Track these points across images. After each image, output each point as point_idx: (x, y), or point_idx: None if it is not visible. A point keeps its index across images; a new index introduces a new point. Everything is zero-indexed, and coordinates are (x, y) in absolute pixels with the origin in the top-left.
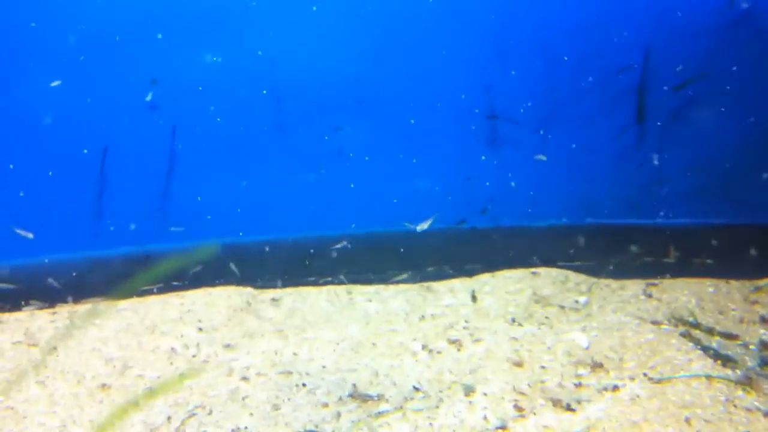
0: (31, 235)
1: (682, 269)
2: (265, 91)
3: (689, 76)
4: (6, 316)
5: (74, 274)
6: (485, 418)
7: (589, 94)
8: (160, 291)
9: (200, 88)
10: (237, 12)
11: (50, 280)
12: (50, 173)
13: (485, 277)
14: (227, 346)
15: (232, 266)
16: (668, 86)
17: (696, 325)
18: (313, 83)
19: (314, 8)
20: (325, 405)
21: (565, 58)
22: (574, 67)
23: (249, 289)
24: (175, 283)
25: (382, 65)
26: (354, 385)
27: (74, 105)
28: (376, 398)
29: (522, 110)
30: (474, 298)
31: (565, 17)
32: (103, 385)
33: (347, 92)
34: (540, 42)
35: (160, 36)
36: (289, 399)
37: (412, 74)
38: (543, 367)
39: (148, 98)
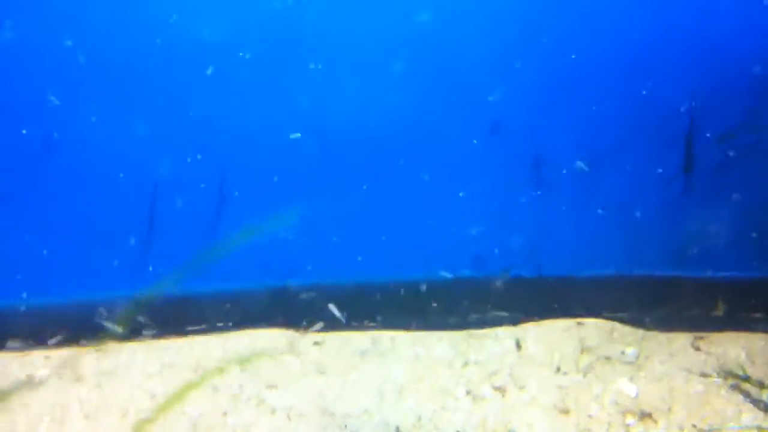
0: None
1: (731, 323)
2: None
3: (737, 126)
4: (52, 351)
5: (120, 312)
6: None
7: (637, 141)
8: (204, 331)
9: (249, 131)
10: (286, 59)
11: (96, 317)
12: (99, 211)
13: (530, 325)
14: (270, 386)
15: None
16: (716, 136)
17: (746, 379)
18: (360, 129)
19: (363, 57)
20: None
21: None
22: (622, 114)
23: (291, 332)
24: (219, 324)
25: (429, 110)
26: (397, 428)
27: (126, 143)
28: None
29: (568, 157)
30: (519, 346)
31: (613, 63)
32: (147, 420)
33: (395, 137)
34: (587, 88)
35: (210, 76)
36: None
37: (460, 119)
38: (590, 416)
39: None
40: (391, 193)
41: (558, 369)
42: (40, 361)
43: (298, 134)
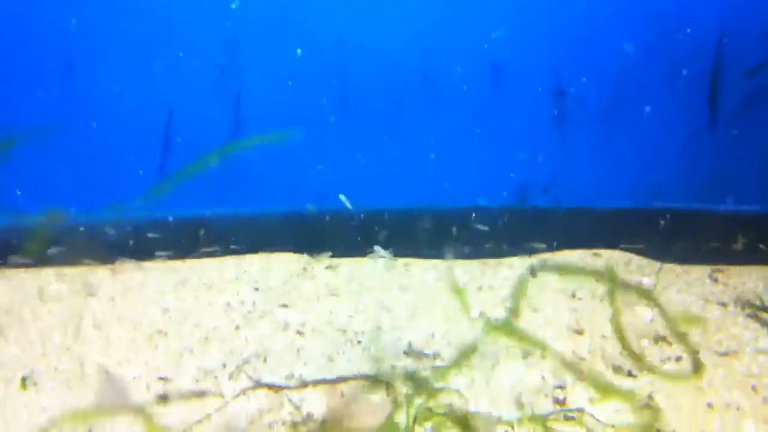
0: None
1: (750, 256)
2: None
3: (764, 60)
4: (66, 269)
5: (134, 233)
6: (543, 378)
7: (661, 75)
8: (218, 254)
9: (266, 57)
10: None
11: (110, 237)
12: (116, 132)
13: (545, 255)
14: (283, 305)
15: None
16: (742, 71)
17: (763, 308)
18: (378, 57)
19: None
20: (380, 359)
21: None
22: (646, 48)
23: (305, 257)
24: (233, 247)
25: (448, 42)
26: (409, 344)
27: (143, 66)
28: (431, 356)
29: (590, 90)
30: (533, 274)
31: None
32: (159, 332)
33: (412, 68)
34: (611, 21)
35: (228, 9)
36: (343, 353)
37: (478, 51)
38: (604, 336)
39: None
40: (406, 122)
41: (573, 295)
42: (52, 277)
43: (299, 50)
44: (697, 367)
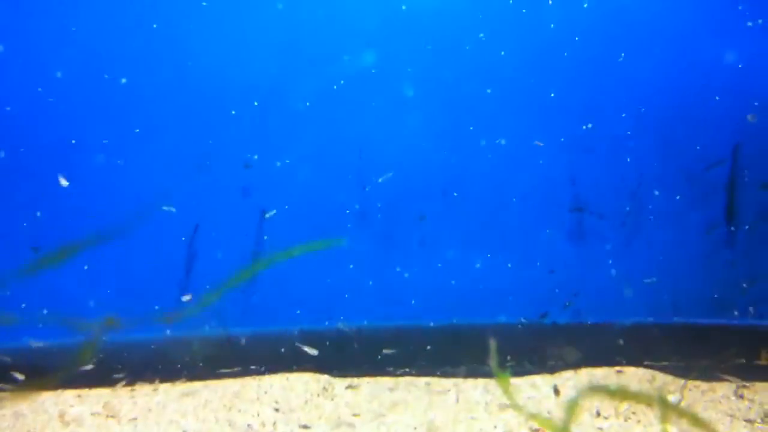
0: None
1: None
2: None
3: None
4: (86, 390)
5: (156, 352)
6: None
7: (678, 189)
8: (237, 374)
9: (288, 174)
10: (325, 99)
11: (131, 357)
12: (140, 249)
13: (567, 373)
14: (304, 426)
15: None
16: (758, 183)
17: None
18: (398, 172)
19: (404, 97)
20: None
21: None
22: (662, 162)
23: (326, 376)
24: (252, 367)
25: (467, 156)
26: None
27: (172, 184)
28: None
29: (608, 204)
30: (557, 392)
31: (653, 110)
32: None
33: (432, 182)
34: (627, 135)
35: (252, 125)
36: None
37: (497, 166)
38: None
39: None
40: (428, 238)
41: (598, 413)
42: (73, 399)
43: (319, 163)
44: None
